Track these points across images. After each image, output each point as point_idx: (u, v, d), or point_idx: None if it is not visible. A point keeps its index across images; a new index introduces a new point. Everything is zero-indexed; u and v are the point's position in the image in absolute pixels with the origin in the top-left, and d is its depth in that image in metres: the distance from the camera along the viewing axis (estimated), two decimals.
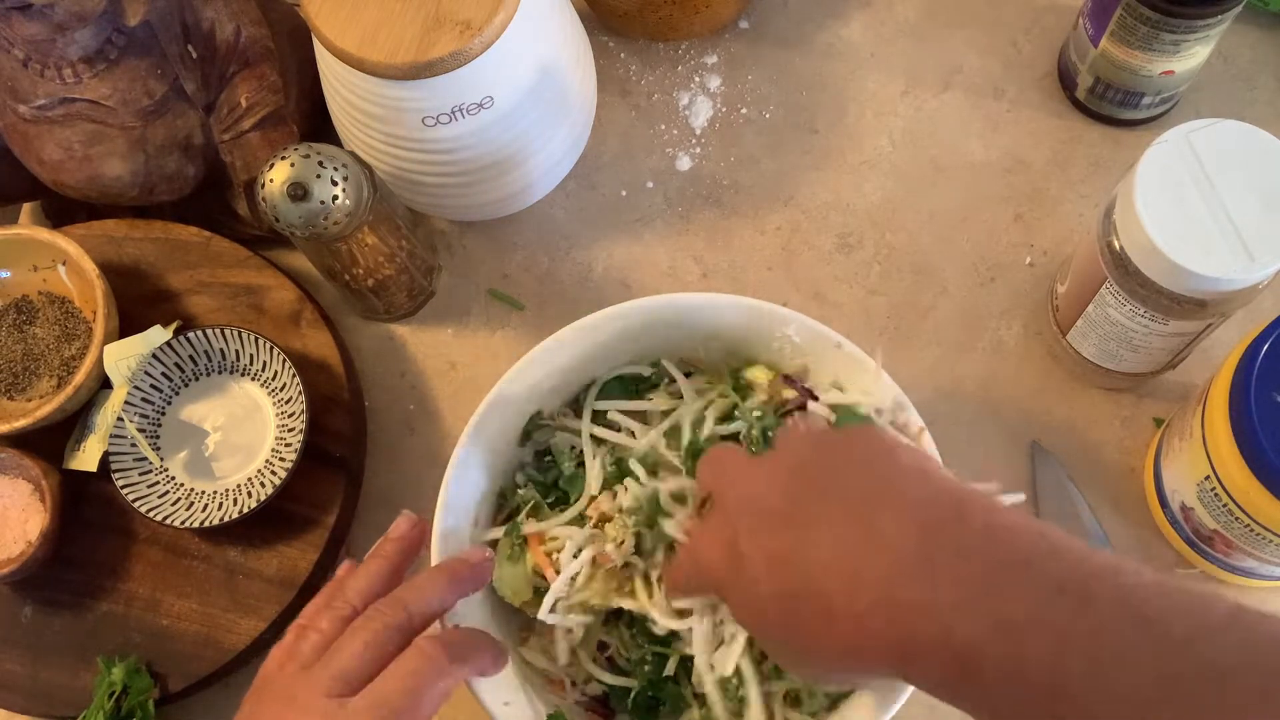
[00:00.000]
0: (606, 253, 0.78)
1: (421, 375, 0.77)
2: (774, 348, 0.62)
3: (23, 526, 0.69)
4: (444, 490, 0.59)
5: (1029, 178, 0.78)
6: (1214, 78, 0.78)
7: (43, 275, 0.74)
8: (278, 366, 0.71)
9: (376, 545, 0.56)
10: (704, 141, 0.80)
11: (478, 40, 0.62)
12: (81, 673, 0.68)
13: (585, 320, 0.61)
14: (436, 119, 0.66)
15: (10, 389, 0.73)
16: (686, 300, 0.62)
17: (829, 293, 0.76)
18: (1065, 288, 0.68)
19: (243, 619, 0.68)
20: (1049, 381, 0.73)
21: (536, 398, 0.62)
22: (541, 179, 0.75)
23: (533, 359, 0.61)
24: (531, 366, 0.61)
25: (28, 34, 0.67)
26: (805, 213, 0.78)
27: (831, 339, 0.60)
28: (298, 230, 0.65)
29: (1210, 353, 0.71)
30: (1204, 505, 0.61)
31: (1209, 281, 0.57)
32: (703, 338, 0.63)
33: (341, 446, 0.71)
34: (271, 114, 0.74)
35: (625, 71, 0.82)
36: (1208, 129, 0.59)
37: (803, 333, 0.61)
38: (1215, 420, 0.56)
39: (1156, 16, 0.67)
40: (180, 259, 0.76)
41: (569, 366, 0.62)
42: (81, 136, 0.71)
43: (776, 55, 0.82)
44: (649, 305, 0.62)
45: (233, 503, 0.69)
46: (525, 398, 0.62)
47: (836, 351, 0.60)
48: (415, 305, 0.78)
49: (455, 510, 0.60)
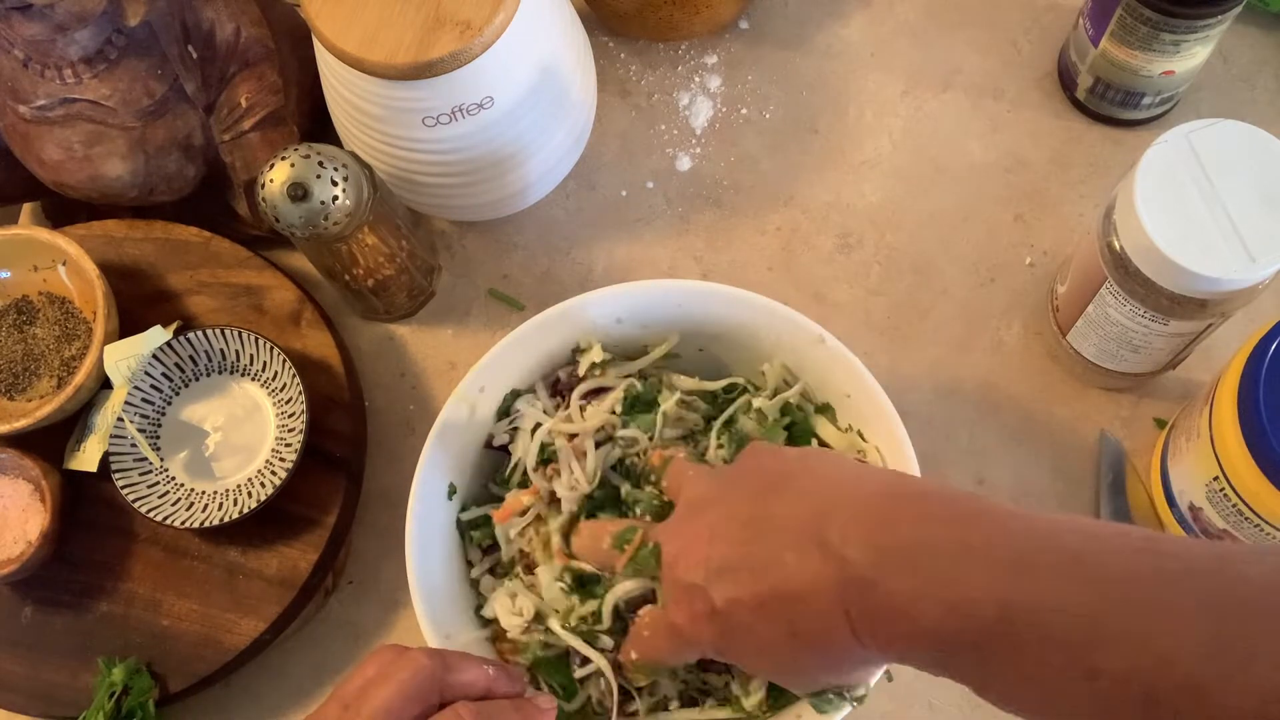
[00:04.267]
0: (606, 253, 0.78)
1: (421, 375, 0.77)
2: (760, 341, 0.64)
3: (23, 526, 0.69)
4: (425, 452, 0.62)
5: (1029, 178, 0.78)
6: (1214, 78, 0.78)
7: (43, 275, 0.74)
8: (278, 367, 0.71)
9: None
10: (704, 142, 0.80)
11: (478, 40, 0.62)
12: (81, 673, 0.68)
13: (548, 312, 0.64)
14: (436, 119, 0.66)
15: (10, 389, 0.73)
16: (663, 287, 0.65)
17: (829, 293, 0.76)
18: (1065, 288, 0.68)
19: (243, 619, 0.68)
20: (1049, 381, 0.73)
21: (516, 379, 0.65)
22: (541, 179, 0.75)
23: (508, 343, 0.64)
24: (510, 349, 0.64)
25: (28, 34, 0.67)
26: (805, 213, 0.78)
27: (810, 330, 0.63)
28: (298, 230, 0.65)
29: (1211, 352, 0.71)
30: (1213, 505, 0.61)
31: (1209, 281, 0.57)
32: (679, 327, 0.66)
33: (341, 446, 0.71)
34: (271, 114, 0.74)
35: (625, 72, 0.82)
36: (1208, 129, 0.59)
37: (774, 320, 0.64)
38: (1223, 420, 0.56)
39: (1157, 17, 0.67)
40: (180, 259, 0.76)
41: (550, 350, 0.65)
42: (81, 137, 0.71)
43: (776, 55, 0.82)
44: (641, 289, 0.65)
45: (233, 503, 0.69)
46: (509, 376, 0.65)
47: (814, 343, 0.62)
48: (415, 305, 0.78)
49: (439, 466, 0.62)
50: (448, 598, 0.62)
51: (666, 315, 0.65)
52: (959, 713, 0.67)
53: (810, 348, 0.62)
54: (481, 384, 0.63)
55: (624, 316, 0.65)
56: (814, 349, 0.62)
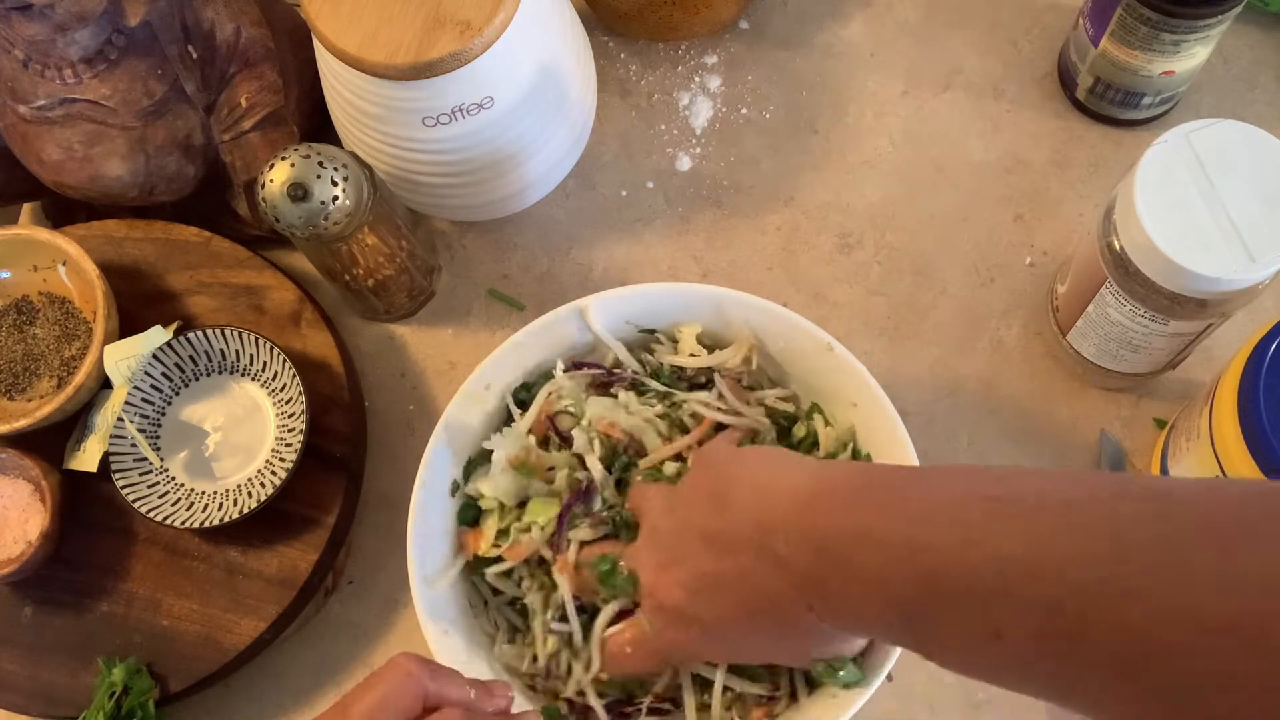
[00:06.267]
0: (606, 253, 0.78)
1: (421, 375, 0.77)
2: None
3: (23, 526, 0.69)
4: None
5: (1029, 178, 0.78)
6: (1214, 78, 0.78)
7: (43, 275, 0.74)
8: (278, 367, 0.71)
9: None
10: (704, 142, 0.80)
11: (478, 40, 0.62)
12: (81, 673, 0.68)
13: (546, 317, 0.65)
14: (436, 119, 0.66)
15: (10, 389, 0.73)
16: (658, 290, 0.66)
17: (829, 293, 0.76)
18: (1065, 288, 0.68)
19: (243, 619, 0.68)
20: (1049, 381, 0.73)
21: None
22: (541, 179, 0.75)
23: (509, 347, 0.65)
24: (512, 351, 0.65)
25: (28, 34, 0.67)
26: (805, 213, 0.78)
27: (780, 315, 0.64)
28: (298, 230, 0.65)
29: (1211, 353, 0.71)
30: None
31: (1209, 281, 0.57)
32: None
33: (341, 447, 0.71)
34: (271, 114, 0.74)
35: (625, 72, 0.82)
36: (1208, 129, 0.59)
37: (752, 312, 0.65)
38: (1223, 421, 0.56)
39: (1157, 17, 0.67)
40: (180, 259, 0.76)
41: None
42: (81, 137, 0.71)
43: (776, 55, 0.82)
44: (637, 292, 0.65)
45: (233, 503, 0.69)
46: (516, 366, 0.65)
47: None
48: (415, 305, 0.78)
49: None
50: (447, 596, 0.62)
51: (675, 319, 0.65)
52: (959, 714, 0.67)
53: (818, 355, 0.62)
54: (487, 381, 0.64)
55: (633, 318, 0.65)
56: (822, 357, 0.62)
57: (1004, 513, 0.40)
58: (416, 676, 0.47)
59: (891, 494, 0.45)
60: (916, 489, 0.45)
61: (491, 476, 0.62)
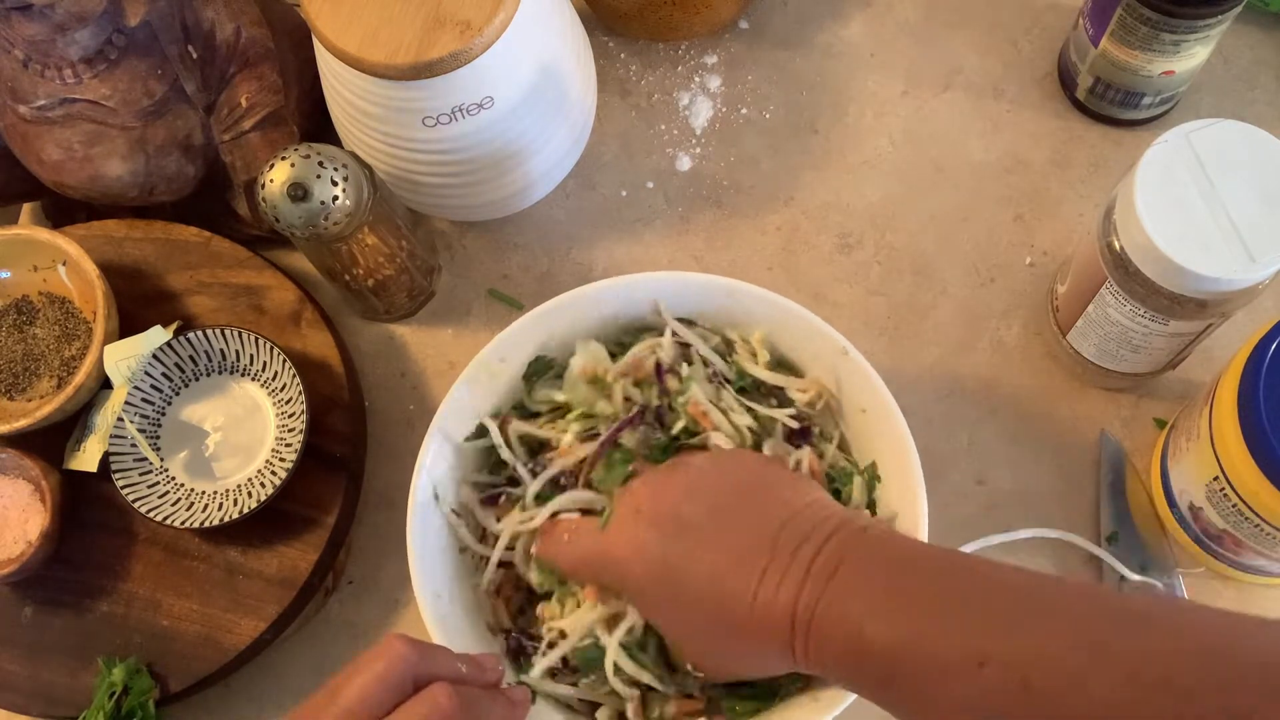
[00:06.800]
0: (606, 253, 0.78)
1: (421, 375, 0.77)
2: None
3: (23, 526, 0.69)
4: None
5: (1029, 178, 0.78)
6: (1214, 78, 0.78)
7: (43, 275, 0.74)
8: (278, 367, 0.71)
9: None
10: (704, 142, 0.80)
11: (478, 40, 0.62)
12: (81, 673, 0.68)
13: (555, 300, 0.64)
14: (436, 119, 0.66)
15: (10, 389, 0.73)
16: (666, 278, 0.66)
17: (829, 293, 0.76)
18: (1065, 288, 0.68)
19: (243, 619, 0.68)
20: (1049, 381, 0.73)
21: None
22: (541, 179, 0.75)
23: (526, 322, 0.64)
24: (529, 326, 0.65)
25: (28, 34, 0.67)
26: (805, 213, 0.78)
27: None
28: (298, 230, 0.65)
29: (1211, 353, 0.71)
30: (1213, 505, 0.61)
31: (1209, 281, 0.57)
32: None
33: (341, 446, 0.71)
34: (271, 114, 0.74)
35: (625, 72, 0.82)
36: (1208, 129, 0.59)
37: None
38: (1223, 421, 0.56)
39: (1157, 17, 0.67)
40: (180, 259, 0.76)
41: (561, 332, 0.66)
42: (81, 137, 0.71)
43: (776, 55, 0.82)
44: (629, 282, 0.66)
45: (233, 503, 0.69)
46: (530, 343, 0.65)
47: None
48: (415, 305, 0.78)
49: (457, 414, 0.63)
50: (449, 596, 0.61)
51: (696, 309, 0.65)
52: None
53: (833, 358, 0.62)
54: (503, 354, 0.64)
55: (663, 302, 0.65)
56: (837, 360, 0.62)
57: None
58: (406, 657, 0.46)
59: (882, 543, 0.49)
60: (896, 546, 0.49)
61: (568, 382, 0.62)
